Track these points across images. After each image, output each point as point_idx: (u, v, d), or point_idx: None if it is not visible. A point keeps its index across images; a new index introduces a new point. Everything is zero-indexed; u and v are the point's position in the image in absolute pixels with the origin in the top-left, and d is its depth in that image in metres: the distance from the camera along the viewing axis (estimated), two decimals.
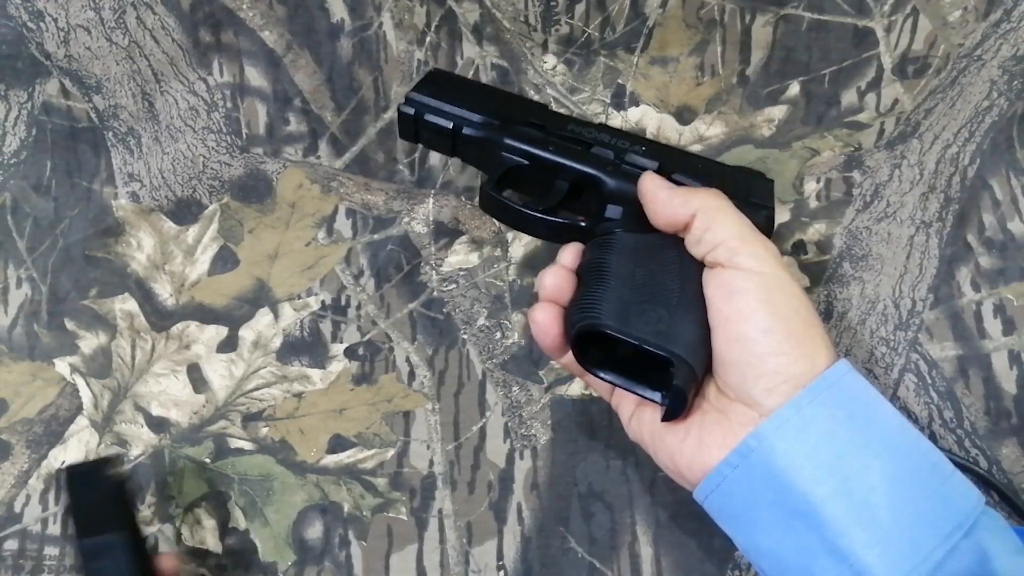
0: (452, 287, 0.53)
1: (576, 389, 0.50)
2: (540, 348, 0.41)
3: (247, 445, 0.50)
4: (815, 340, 0.34)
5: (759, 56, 0.55)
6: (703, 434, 0.35)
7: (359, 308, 0.53)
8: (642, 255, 0.38)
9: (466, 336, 0.52)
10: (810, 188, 0.53)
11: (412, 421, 0.50)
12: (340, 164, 0.55)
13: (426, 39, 0.57)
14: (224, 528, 0.48)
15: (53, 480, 0.49)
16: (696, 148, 0.56)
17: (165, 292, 0.53)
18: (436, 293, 0.53)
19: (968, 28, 0.55)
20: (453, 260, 0.53)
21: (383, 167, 0.55)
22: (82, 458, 0.50)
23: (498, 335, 0.52)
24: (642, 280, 0.37)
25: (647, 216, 0.39)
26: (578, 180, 0.43)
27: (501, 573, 0.46)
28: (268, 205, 0.54)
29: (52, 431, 0.51)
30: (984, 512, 0.32)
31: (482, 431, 0.49)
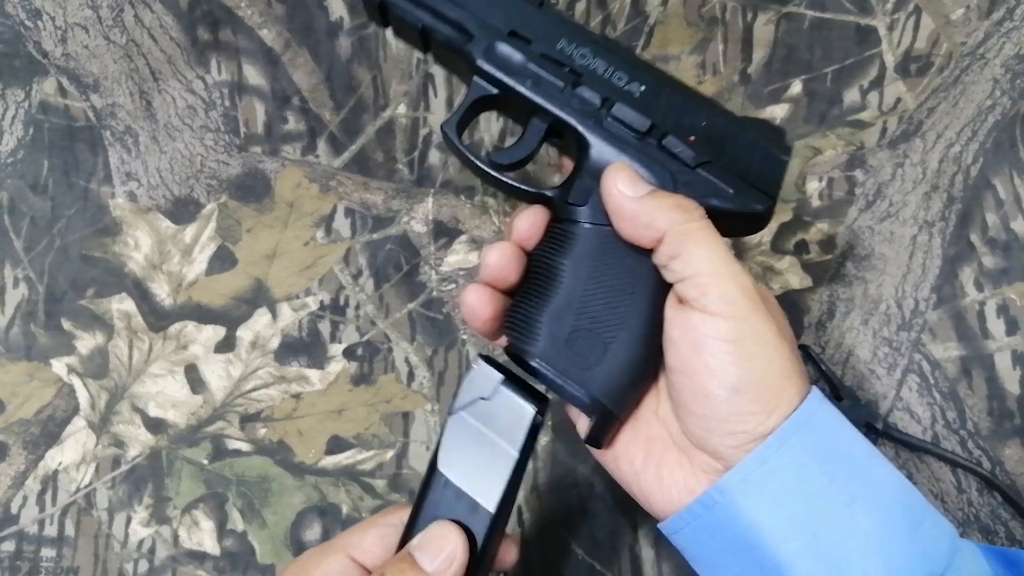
0: (452, 287, 0.53)
1: None
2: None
3: (245, 446, 0.50)
4: (789, 390, 0.32)
5: (761, 54, 0.55)
6: (663, 472, 0.34)
7: (358, 308, 0.52)
8: (601, 263, 0.35)
9: (466, 336, 0.52)
10: (812, 187, 0.53)
11: (411, 422, 0.50)
12: (339, 163, 0.55)
13: None
14: (222, 530, 0.48)
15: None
16: None
17: (162, 292, 0.53)
18: (435, 293, 0.53)
19: (971, 26, 0.55)
20: (452, 260, 0.53)
21: (382, 166, 0.55)
22: (79, 459, 0.50)
23: None
24: (592, 296, 0.34)
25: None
26: (556, 124, 0.37)
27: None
28: (266, 204, 0.54)
29: (49, 432, 0.51)
30: (957, 551, 0.31)
31: None
